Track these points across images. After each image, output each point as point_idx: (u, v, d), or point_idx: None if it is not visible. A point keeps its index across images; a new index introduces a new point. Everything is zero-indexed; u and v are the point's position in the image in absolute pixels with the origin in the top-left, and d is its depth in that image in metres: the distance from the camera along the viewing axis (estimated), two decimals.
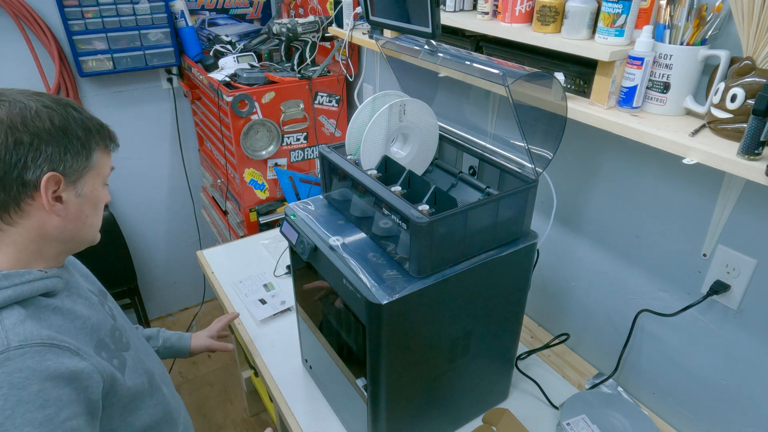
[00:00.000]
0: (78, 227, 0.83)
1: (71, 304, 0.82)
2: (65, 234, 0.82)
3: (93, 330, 0.83)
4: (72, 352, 0.75)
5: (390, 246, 0.98)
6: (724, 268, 1.02)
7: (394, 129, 1.14)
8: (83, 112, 0.83)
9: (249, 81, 1.86)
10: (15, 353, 0.69)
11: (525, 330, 1.49)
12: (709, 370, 1.11)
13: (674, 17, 0.92)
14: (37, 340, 0.71)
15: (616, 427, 1.12)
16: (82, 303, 0.85)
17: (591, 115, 1.02)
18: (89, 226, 0.85)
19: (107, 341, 0.85)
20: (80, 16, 2.03)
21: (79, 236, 0.85)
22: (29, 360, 0.69)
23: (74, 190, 0.81)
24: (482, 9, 1.21)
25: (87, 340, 0.81)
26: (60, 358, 0.72)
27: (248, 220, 2.04)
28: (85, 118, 0.82)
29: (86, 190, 0.82)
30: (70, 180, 0.79)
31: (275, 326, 1.51)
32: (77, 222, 0.83)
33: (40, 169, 0.75)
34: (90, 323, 0.83)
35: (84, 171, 0.81)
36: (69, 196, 0.80)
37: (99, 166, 0.83)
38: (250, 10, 2.44)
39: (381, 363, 0.95)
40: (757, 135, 0.78)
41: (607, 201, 1.23)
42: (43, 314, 0.77)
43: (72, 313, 0.81)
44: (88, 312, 0.84)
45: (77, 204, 0.82)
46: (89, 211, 0.84)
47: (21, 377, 0.68)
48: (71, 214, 0.81)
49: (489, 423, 1.19)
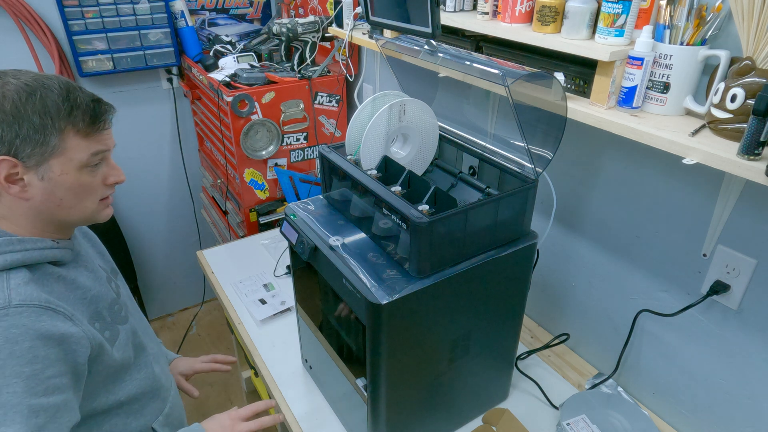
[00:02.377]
0: (53, 208, 0.85)
1: (75, 275, 0.88)
2: (44, 214, 0.85)
3: (92, 301, 0.89)
4: (65, 317, 0.80)
5: (390, 246, 0.98)
6: (724, 268, 1.02)
7: (394, 129, 1.14)
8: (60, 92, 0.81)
9: (249, 81, 1.86)
10: (14, 310, 0.75)
11: (525, 330, 1.49)
12: (709, 370, 1.11)
13: (674, 17, 0.92)
14: (35, 302, 0.77)
15: (616, 427, 1.12)
16: (87, 275, 0.91)
17: (591, 115, 1.02)
18: (68, 208, 0.86)
19: (104, 313, 0.91)
20: (80, 16, 2.03)
21: (61, 216, 0.87)
22: (25, 318, 0.75)
23: (36, 174, 0.81)
24: (482, 9, 1.21)
25: (83, 309, 0.86)
26: (53, 321, 0.78)
27: (248, 220, 2.04)
28: (51, 101, 0.80)
29: (53, 175, 0.82)
30: (29, 164, 0.80)
31: (275, 326, 1.51)
32: (49, 203, 0.84)
33: None
34: (90, 294, 0.89)
35: (46, 156, 0.80)
36: (30, 179, 0.81)
37: (68, 150, 0.82)
38: (250, 10, 2.44)
39: (381, 363, 0.95)
40: (757, 135, 0.78)
41: (607, 201, 1.23)
42: (47, 280, 0.83)
43: (74, 282, 0.87)
44: (91, 284, 0.90)
45: (43, 187, 0.82)
46: (63, 194, 0.84)
47: (16, 333, 0.74)
48: (37, 197, 0.83)
49: (489, 423, 1.19)
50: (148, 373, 0.99)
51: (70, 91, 0.83)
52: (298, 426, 1.21)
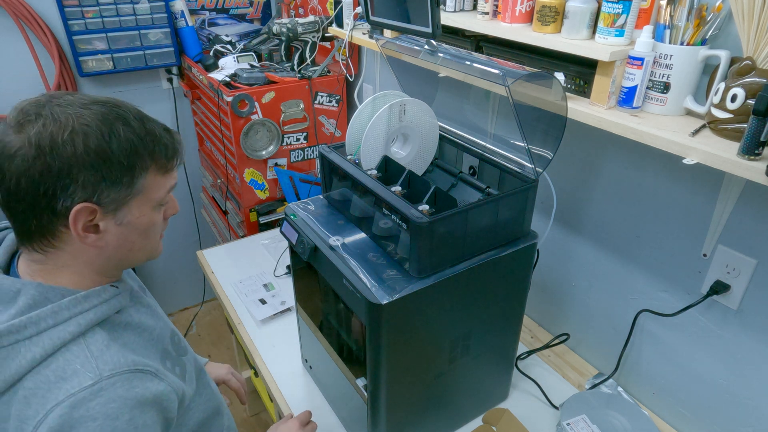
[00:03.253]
0: (124, 254, 0.77)
1: (138, 316, 0.80)
2: (112, 261, 0.77)
3: (158, 340, 0.81)
4: (152, 375, 0.74)
5: (390, 246, 0.98)
6: (724, 268, 1.02)
7: (394, 129, 1.14)
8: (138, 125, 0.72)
9: (249, 81, 1.86)
10: (107, 383, 0.68)
11: (525, 330, 1.49)
12: (709, 370, 1.11)
13: (674, 17, 0.92)
14: (124, 368, 0.70)
15: (616, 427, 1.12)
16: (145, 312, 0.83)
17: (591, 115, 1.02)
18: (138, 251, 0.79)
19: (170, 349, 0.83)
20: (80, 16, 2.03)
21: (128, 260, 0.79)
22: (120, 389, 0.69)
23: (114, 219, 0.72)
24: (482, 9, 1.21)
25: (154, 352, 0.79)
26: (145, 383, 0.72)
27: (248, 220, 2.04)
28: (136, 136, 0.71)
29: (131, 218, 0.74)
30: (108, 209, 0.71)
31: (275, 326, 1.51)
32: (121, 249, 0.76)
33: (70, 199, 0.67)
34: (155, 334, 0.81)
35: (127, 198, 0.72)
36: (108, 226, 0.72)
37: (149, 190, 0.74)
38: (250, 10, 2.44)
39: (381, 363, 0.95)
40: (757, 135, 0.78)
41: (607, 201, 1.23)
42: (119, 332, 0.75)
43: (140, 326, 0.79)
44: (153, 322, 0.82)
45: (119, 233, 0.74)
46: (136, 237, 0.76)
47: (114, 407, 0.68)
48: (111, 243, 0.74)
49: (489, 423, 1.19)
50: (209, 394, 0.92)
51: (145, 121, 0.73)
52: None
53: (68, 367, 0.68)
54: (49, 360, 0.68)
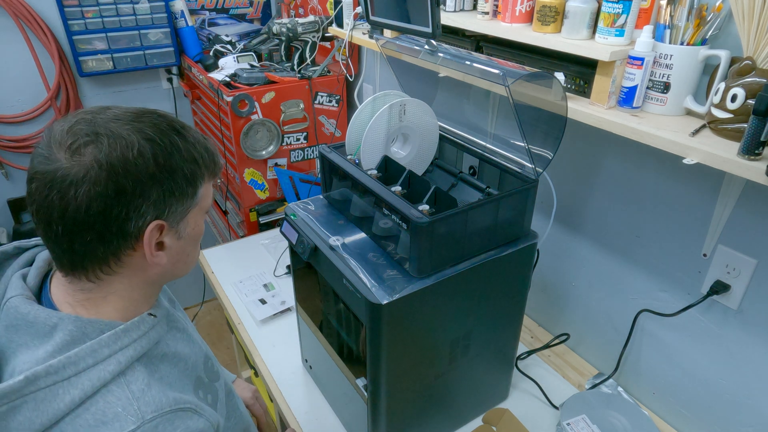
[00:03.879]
0: (178, 268, 0.75)
1: (174, 345, 0.76)
2: (166, 277, 0.75)
3: (193, 369, 0.78)
4: (192, 412, 0.71)
5: (390, 246, 0.98)
6: (724, 268, 1.02)
7: (394, 129, 1.14)
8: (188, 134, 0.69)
9: (249, 81, 1.86)
10: (149, 426, 0.64)
11: (525, 330, 1.49)
12: (709, 370, 1.11)
13: (674, 17, 0.92)
14: (166, 408, 0.67)
15: (616, 427, 1.12)
16: (180, 338, 0.79)
17: (591, 115, 1.02)
18: (188, 263, 0.77)
19: (203, 376, 0.80)
20: (80, 16, 2.03)
21: (176, 275, 0.77)
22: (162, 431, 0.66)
23: (176, 233, 0.70)
24: (482, 9, 1.21)
25: (189, 382, 0.76)
26: (186, 422, 0.69)
27: (248, 220, 2.04)
28: (190, 146, 0.68)
29: (189, 230, 0.72)
30: (173, 224, 0.69)
31: (275, 326, 1.51)
32: (178, 263, 0.74)
33: (143, 219, 0.65)
34: (191, 362, 0.78)
35: (188, 210, 0.70)
36: (171, 241, 0.70)
37: (203, 200, 0.72)
38: (250, 10, 2.44)
39: (381, 363, 0.95)
40: (758, 135, 0.78)
41: (607, 201, 1.23)
42: (156, 366, 0.72)
43: (176, 356, 0.75)
44: (188, 349, 0.79)
45: (179, 246, 0.72)
46: (190, 249, 0.75)
47: None
48: (173, 258, 0.72)
49: (489, 423, 1.19)
50: (238, 416, 0.90)
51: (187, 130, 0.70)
52: (298, 426, 1.21)
53: (109, 410, 0.64)
54: (88, 403, 0.64)
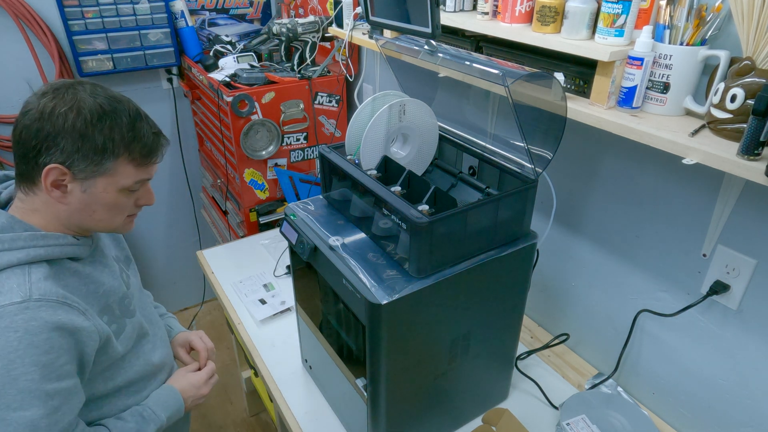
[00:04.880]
0: (84, 217, 0.91)
1: (91, 270, 0.94)
2: (74, 218, 0.91)
3: (103, 295, 0.94)
4: (79, 312, 0.86)
5: (390, 246, 0.98)
6: (724, 268, 1.02)
7: (394, 129, 1.14)
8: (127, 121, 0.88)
9: (249, 81, 1.86)
10: (34, 304, 0.81)
11: (525, 330, 1.49)
12: (709, 370, 1.11)
13: (674, 17, 0.92)
14: (53, 297, 0.83)
15: (616, 427, 1.12)
16: (101, 270, 0.96)
17: (591, 115, 1.02)
18: (98, 221, 0.93)
19: (114, 307, 0.97)
20: (80, 16, 2.03)
21: (88, 225, 0.93)
22: (43, 312, 0.82)
23: (80, 186, 0.87)
24: (482, 9, 1.21)
25: (95, 302, 0.92)
26: (68, 315, 0.84)
27: (248, 220, 2.04)
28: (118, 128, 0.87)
29: (95, 191, 0.89)
30: (78, 177, 0.86)
31: (275, 326, 1.51)
32: (83, 213, 0.90)
33: (51, 158, 0.84)
34: (102, 289, 0.94)
35: (95, 174, 0.87)
36: (74, 188, 0.87)
37: (116, 174, 0.89)
38: (250, 10, 2.44)
39: (381, 363, 0.95)
40: (757, 135, 0.78)
41: (607, 201, 1.23)
42: (64, 275, 0.89)
43: (89, 277, 0.93)
44: (105, 279, 0.95)
45: (82, 198, 0.89)
46: (97, 208, 0.91)
47: (35, 325, 0.80)
48: (74, 204, 0.89)
49: (489, 423, 1.19)
50: (146, 360, 1.05)
51: (136, 122, 0.90)
52: (298, 426, 1.21)
53: (6, 284, 0.82)
54: None
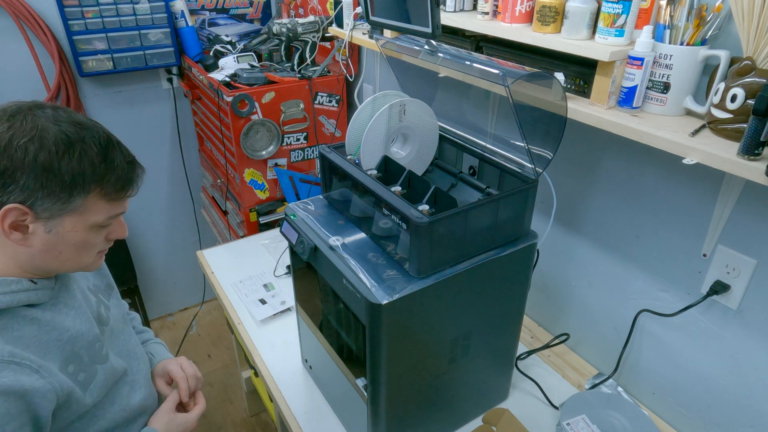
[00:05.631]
0: (49, 259, 0.81)
1: (53, 315, 0.82)
2: (36, 261, 0.80)
3: (68, 342, 0.83)
4: (31, 370, 0.76)
5: (390, 246, 0.98)
6: (724, 268, 1.02)
7: (394, 129, 1.14)
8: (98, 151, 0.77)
9: (249, 81, 1.86)
10: None
11: (525, 330, 1.49)
12: (708, 370, 1.11)
13: (674, 17, 0.92)
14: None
15: (616, 427, 1.12)
16: (66, 313, 0.85)
17: (591, 115, 1.02)
18: (66, 261, 0.82)
19: (82, 353, 0.85)
20: (80, 16, 2.03)
21: (53, 267, 0.83)
22: None
23: (44, 226, 0.77)
24: (482, 9, 1.21)
25: (57, 352, 0.81)
26: (17, 375, 0.74)
27: (248, 220, 2.04)
28: (88, 161, 0.76)
29: (62, 230, 0.78)
30: (41, 216, 0.76)
31: (275, 326, 1.51)
32: (47, 255, 0.80)
33: (7, 197, 0.73)
34: (67, 335, 0.83)
35: (62, 212, 0.77)
36: (36, 229, 0.77)
37: (86, 212, 0.79)
38: (250, 10, 2.44)
39: (381, 363, 0.95)
40: (757, 135, 0.78)
41: (607, 201, 1.23)
42: (18, 324, 0.78)
43: (49, 324, 0.81)
44: (70, 323, 0.84)
45: (47, 239, 0.78)
46: (64, 248, 0.80)
47: None
48: (37, 246, 0.78)
49: (489, 423, 1.19)
50: (123, 405, 0.94)
51: (108, 151, 0.79)
52: (298, 426, 1.21)
53: None
54: None
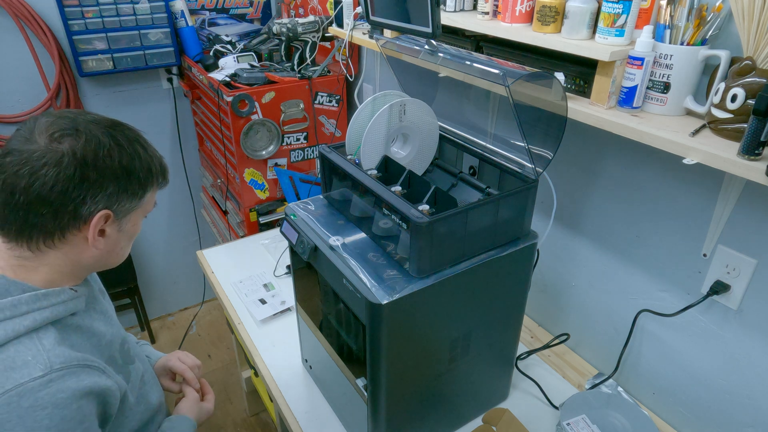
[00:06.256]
0: (110, 257, 0.86)
1: (90, 322, 0.85)
2: (99, 263, 0.85)
3: (106, 347, 0.86)
4: (100, 371, 0.80)
5: (390, 246, 0.98)
6: (724, 268, 1.02)
7: (394, 129, 1.14)
8: (148, 148, 0.83)
9: (249, 81, 1.86)
10: (56, 375, 0.73)
11: (525, 330, 1.49)
12: (709, 370, 1.11)
13: (674, 17, 0.92)
14: (74, 362, 0.76)
15: (616, 427, 1.12)
16: (98, 318, 0.88)
17: (591, 115, 1.02)
18: (120, 256, 0.88)
19: (116, 356, 0.89)
20: (80, 16, 2.03)
21: (109, 263, 0.87)
22: (69, 380, 0.74)
23: (118, 226, 0.82)
24: (482, 9, 1.21)
25: (100, 357, 0.83)
26: (91, 377, 0.77)
27: (248, 220, 2.04)
28: (149, 158, 0.82)
29: (128, 227, 0.84)
30: (118, 217, 0.81)
31: (275, 326, 1.51)
32: (111, 253, 0.85)
33: (95, 206, 0.76)
34: (105, 340, 0.86)
35: (132, 210, 0.82)
36: (112, 231, 0.81)
37: (146, 204, 0.85)
38: (250, 10, 2.44)
39: (381, 363, 0.95)
40: (757, 135, 0.78)
41: (607, 201, 1.23)
42: (69, 333, 0.80)
43: (89, 330, 0.84)
44: (105, 328, 0.87)
45: (116, 238, 0.83)
46: (124, 243, 0.86)
47: (63, 398, 0.72)
48: (108, 247, 0.83)
49: (489, 423, 1.19)
50: (147, 405, 0.97)
51: (148, 144, 0.84)
52: (298, 426, 1.21)
53: (18, 358, 0.72)
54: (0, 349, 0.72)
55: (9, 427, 0.69)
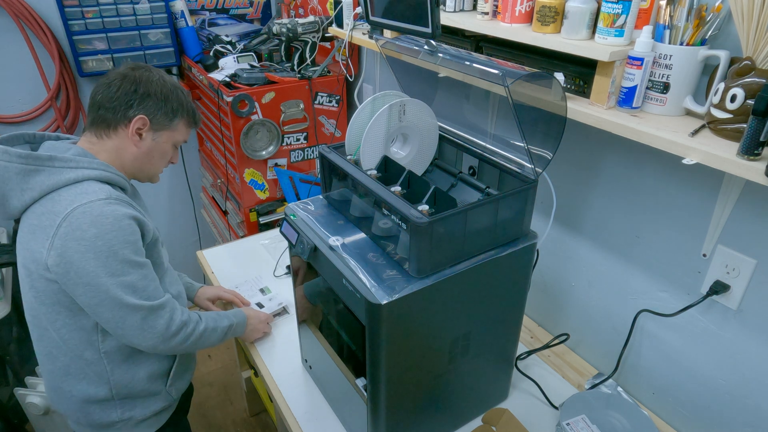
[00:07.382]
0: (144, 162, 1.20)
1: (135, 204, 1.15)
2: (136, 162, 1.19)
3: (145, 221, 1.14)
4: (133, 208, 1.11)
5: (390, 246, 0.98)
6: (724, 268, 1.02)
7: (394, 129, 1.14)
8: (187, 93, 1.24)
9: (249, 81, 1.86)
10: (114, 201, 1.07)
11: (525, 330, 1.49)
12: (708, 370, 1.11)
13: (674, 17, 0.92)
14: (114, 196, 1.08)
15: (616, 427, 1.12)
16: (142, 209, 1.18)
17: (591, 115, 1.02)
18: (152, 166, 1.22)
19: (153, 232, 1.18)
20: (80, 16, 2.04)
21: (144, 170, 1.21)
22: (121, 207, 1.07)
23: (152, 135, 1.18)
24: (482, 9, 1.21)
25: None
26: (135, 212, 1.10)
27: (248, 220, 2.04)
28: (185, 97, 1.22)
29: (160, 141, 1.20)
30: (153, 127, 1.17)
31: (275, 326, 1.51)
32: (145, 158, 1.19)
33: (139, 112, 1.14)
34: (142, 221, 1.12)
35: (165, 127, 1.19)
36: (147, 136, 1.17)
37: (177, 131, 1.22)
38: (250, 10, 2.44)
39: (381, 363, 0.95)
40: (757, 135, 0.78)
41: (607, 201, 1.23)
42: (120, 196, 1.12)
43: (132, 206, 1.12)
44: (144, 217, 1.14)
45: (150, 145, 1.19)
46: (156, 155, 1.21)
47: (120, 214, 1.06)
48: (143, 149, 1.18)
49: (489, 423, 1.19)
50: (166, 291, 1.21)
51: (188, 94, 1.25)
52: (298, 426, 1.21)
53: (90, 188, 1.07)
54: (78, 184, 1.07)
55: (85, 227, 1.02)
